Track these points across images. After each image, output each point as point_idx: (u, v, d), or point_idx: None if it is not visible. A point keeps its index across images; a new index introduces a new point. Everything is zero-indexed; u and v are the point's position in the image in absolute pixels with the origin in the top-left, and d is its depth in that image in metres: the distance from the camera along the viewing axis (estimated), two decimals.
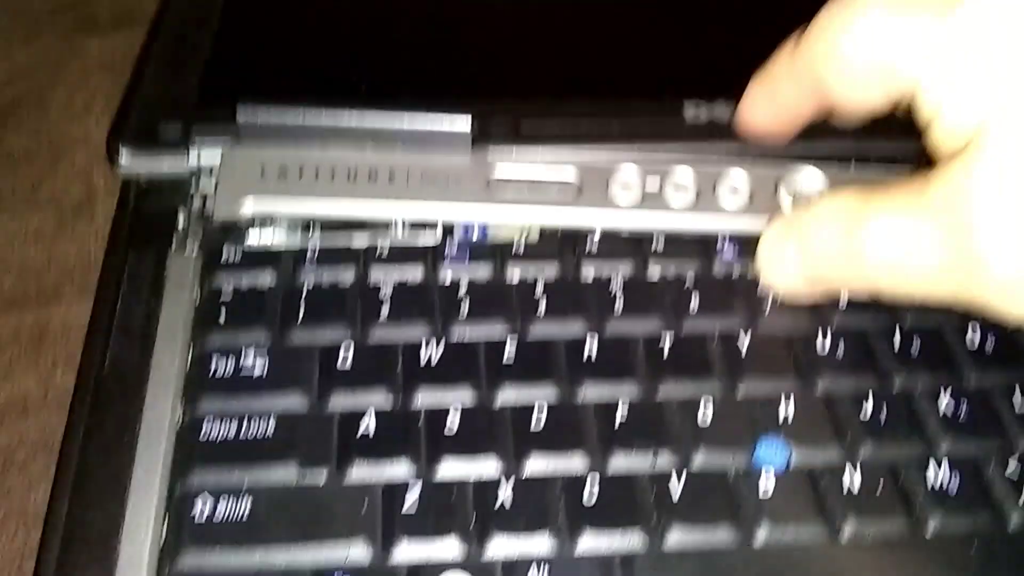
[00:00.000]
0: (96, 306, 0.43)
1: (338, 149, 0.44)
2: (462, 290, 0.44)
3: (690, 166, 0.43)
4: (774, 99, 0.41)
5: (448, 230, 0.45)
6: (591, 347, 0.42)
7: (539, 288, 0.44)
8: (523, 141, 0.46)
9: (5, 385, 0.44)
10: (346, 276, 0.44)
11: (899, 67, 0.34)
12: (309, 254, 0.44)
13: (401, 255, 0.45)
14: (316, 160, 0.43)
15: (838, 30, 0.36)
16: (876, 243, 0.34)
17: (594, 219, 0.44)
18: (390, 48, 0.55)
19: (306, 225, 0.45)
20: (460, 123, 0.44)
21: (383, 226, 0.45)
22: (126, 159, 0.47)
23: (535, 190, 0.44)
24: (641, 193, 0.43)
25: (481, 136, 0.44)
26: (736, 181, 0.44)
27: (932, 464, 0.38)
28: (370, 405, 0.40)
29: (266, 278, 0.43)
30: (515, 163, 0.44)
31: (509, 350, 0.42)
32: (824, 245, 0.36)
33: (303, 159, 0.43)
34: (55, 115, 0.55)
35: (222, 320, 0.42)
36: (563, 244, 0.45)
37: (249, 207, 0.42)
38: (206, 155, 0.45)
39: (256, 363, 0.41)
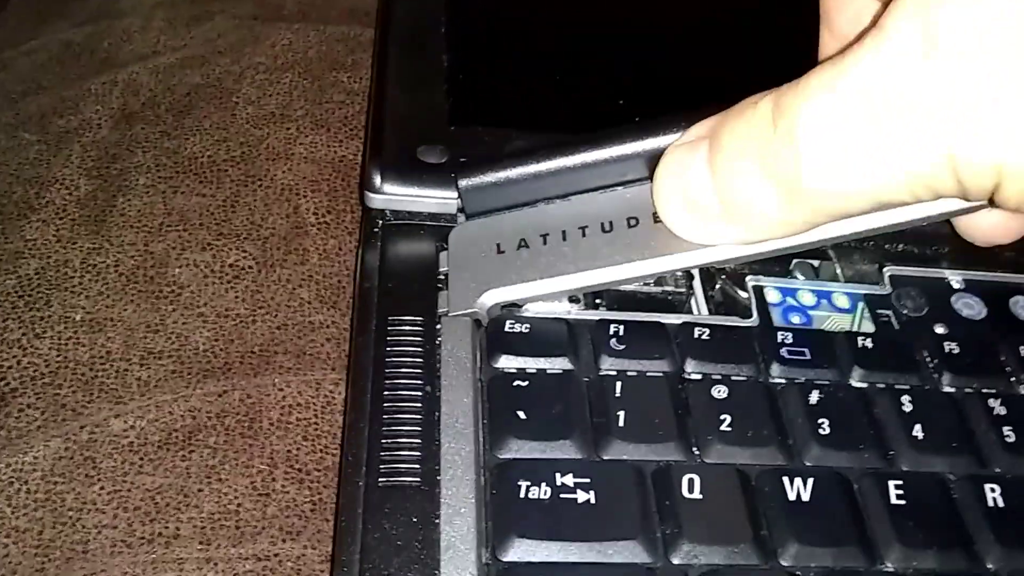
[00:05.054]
0: (353, 393, 0.30)
1: (581, 195, 0.32)
2: (811, 400, 0.31)
3: None
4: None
5: (761, 301, 0.34)
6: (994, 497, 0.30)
7: (905, 404, 0.32)
8: None
9: (209, 491, 0.31)
10: (658, 366, 0.32)
11: None
12: (611, 332, 0.32)
13: (722, 341, 0.33)
14: (559, 216, 0.32)
15: None
16: (814, 135, 0.24)
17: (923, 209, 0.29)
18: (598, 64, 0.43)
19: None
20: None
21: (682, 296, 0.34)
22: (388, 190, 0.34)
23: None
24: None
25: None
26: None
27: None
28: (730, 561, 0.28)
29: (563, 361, 0.31)
30: None
31: (893, 492, 0.30)
32: (743, 157, 0.26)
33: (543, 218, 0.32)
34: (243, 117, 0.42)
35: (523, 419, 0.30)
36: (910, 333, 0.34)
37: (490, 299, 0.31)
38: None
39: (576, 488, 0.28)
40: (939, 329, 0.35)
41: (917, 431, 0.31)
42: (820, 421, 0.31)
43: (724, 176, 0.27)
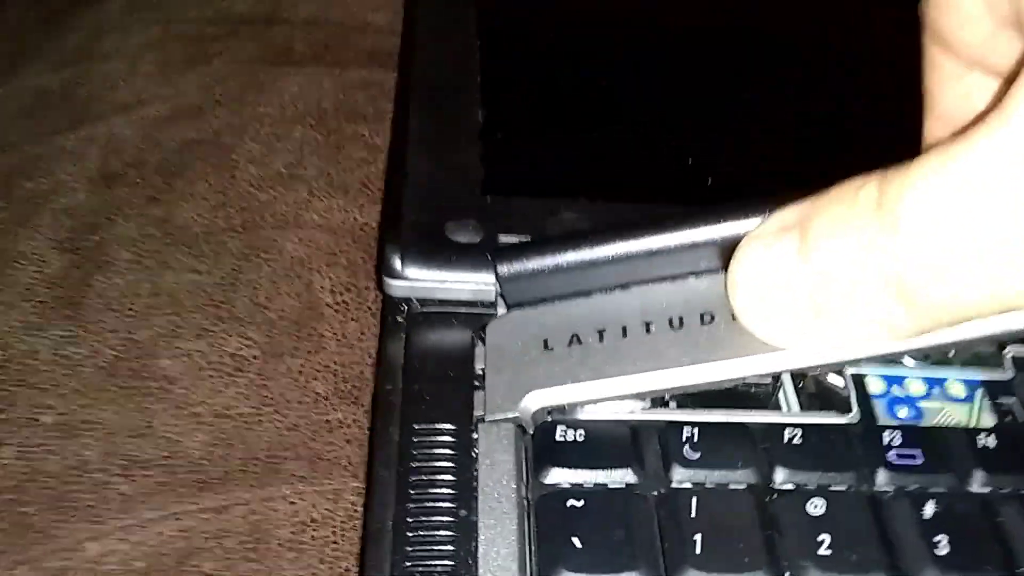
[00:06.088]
0: (373, 517, 0.27)
1: (642, 285, 0.30)
2: (926, 512, 0.29)
3: None
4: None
5: (862, 393, 0.31)
6: None
7: None
8: None
9: None
10: (741, 476, 0.29)
11: None
12: (684, 437, 0.29)
13: (817, 443, 0.30)
14: (618, 309, 0.30)
15: None
16: (923, 226, 0.22)
17: None
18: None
19: None
20: None
21: (768, 390, 0.31)
22: (411, 274, 0.31)
23: None
24: None
25: None
26: None
27: None
28: None
29: (626, 474, 0.29)
30: None
31: None
32: (841, 249, 0.24)
33: (599, 311, 0.30)
34: (245, 179, 0.40)
35: (579, 547, 0.27)
36: None
37: (536, 402, 0.29)
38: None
39: None
40: None
41: None
42: (937, 538, 0.28)
43: (818, 270, 0.25)
